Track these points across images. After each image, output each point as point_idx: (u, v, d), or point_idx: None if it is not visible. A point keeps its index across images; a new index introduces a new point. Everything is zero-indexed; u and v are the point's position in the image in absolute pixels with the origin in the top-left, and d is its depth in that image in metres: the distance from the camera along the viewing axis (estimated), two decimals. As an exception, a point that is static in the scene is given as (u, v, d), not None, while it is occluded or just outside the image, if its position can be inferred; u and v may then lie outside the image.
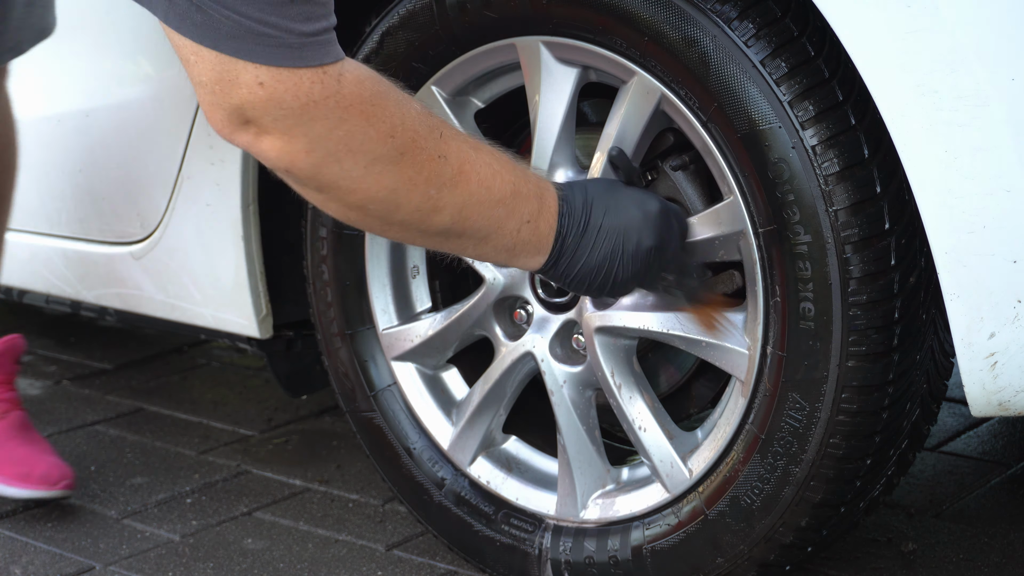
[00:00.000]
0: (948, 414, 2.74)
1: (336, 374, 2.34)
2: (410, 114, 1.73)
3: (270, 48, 1.61)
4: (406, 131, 1.71)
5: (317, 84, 1.64)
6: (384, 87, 1.73)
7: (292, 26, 1.61)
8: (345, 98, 1.66)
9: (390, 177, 1.72)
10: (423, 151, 1.73)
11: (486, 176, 1.79)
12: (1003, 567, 2.21)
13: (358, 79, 1.68)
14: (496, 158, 1.83)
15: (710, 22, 1.83)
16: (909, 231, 1.83)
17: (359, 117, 1.68)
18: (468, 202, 1.78)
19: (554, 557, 2.15)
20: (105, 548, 2.43)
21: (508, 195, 1.81)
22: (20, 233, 2.70)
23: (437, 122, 1.78)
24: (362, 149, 1.69)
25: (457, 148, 1.77)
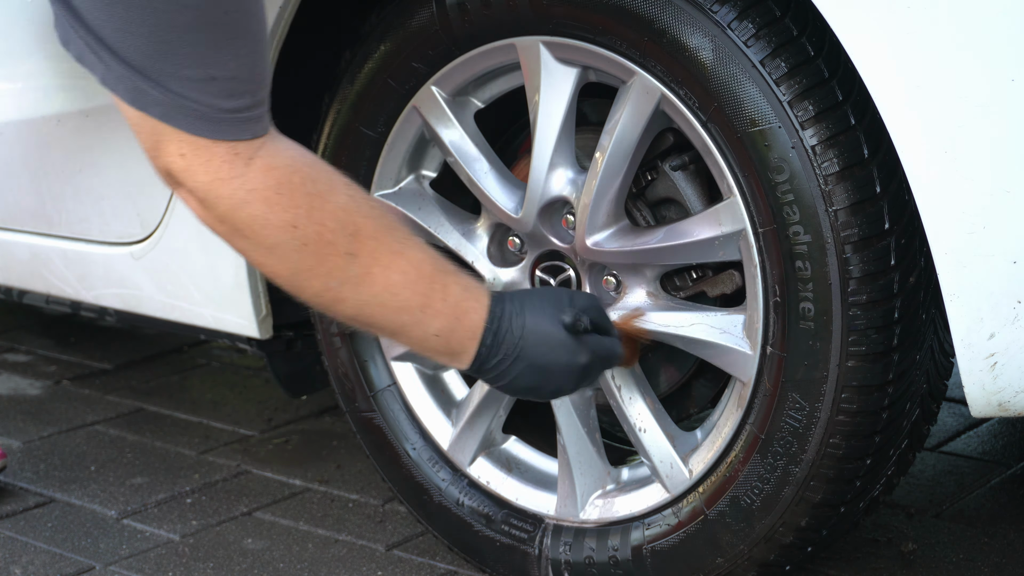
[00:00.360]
0: (948, 414, 2.74)
1: (336, 374, 2.34)
2: (325, 207, 1.78)
3: (190, 118, 1.71)
4: (311, 224, 1.77)
5: (226, 164, 1.74)
6: (299, 177, 1.78)
7: (213, 101, 1.70)
8: (249, 181, 1.74)
9: (290, 263, 1.79)
10: (329, 245, 1.78)
11: (395, 283, 1.82)
12: (1003, 567, 2.21)
13: (269, 166, 1.75)
14: (417, 267, 1.84)
15: (710, 22, 1.83)
16: (909, 231, 1.83)
17: (261, 203, 1.75)
18: (370, 302, 1.83)
19: (554, 557, 2.15)
20: (105, 548, 2.43)
21: (415, 307, 1.84)
22: (20, 233, 2.70)
23: (358, 219, 1.80)
24: (263, 233, 1.77)
25: (372, 249, 1.81)
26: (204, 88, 1.71)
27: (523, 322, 1.90)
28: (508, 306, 1.90)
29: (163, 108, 1.72)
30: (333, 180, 1.82)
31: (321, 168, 1.82)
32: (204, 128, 1.72)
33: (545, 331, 1.90)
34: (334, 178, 1.82)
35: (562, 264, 2.11)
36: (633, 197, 2.07)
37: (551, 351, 1.91)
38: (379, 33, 2.13)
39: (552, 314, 1.91)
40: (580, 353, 1.93)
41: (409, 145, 2.19)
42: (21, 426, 2.98)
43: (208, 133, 1.73)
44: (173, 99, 1.71)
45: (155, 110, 1.72)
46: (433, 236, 2.18)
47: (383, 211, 1.86)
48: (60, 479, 2.71)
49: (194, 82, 1.70)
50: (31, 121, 2.58)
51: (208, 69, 1.70)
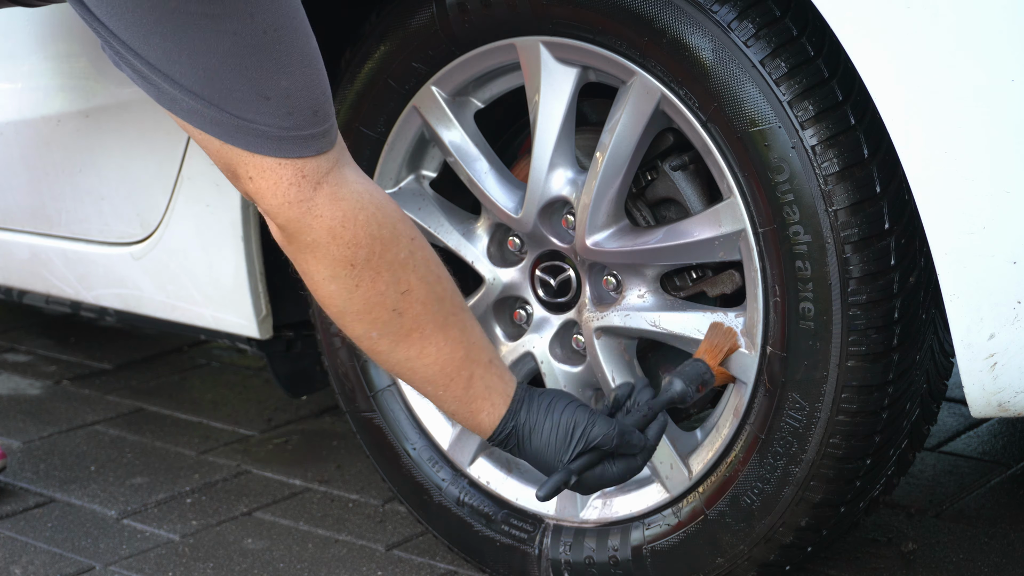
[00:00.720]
0: (948, 414, 2.74)
1: (336, 374, 2.34)
2: (385, 255, 1.78)
3: (250, 137, 1.70)
4: (368, 268, 1.78)
5: (293, 187, 1.73)
6: (364, 215, 1.77)
7: (270, 120, 1.69)
8: (316, 207, 1.74)
9: (340, 299, 1.80)
10: (379, 295, 1.79)
11: (428, 355, 1.84)
12: (1003, 567, 2.21)
13: (336, 196, 1.75)
14: (451, 348, 1.85)
15: (710, 22, 1.83)
16: (909, 231, 1.83)
17: (326, 232, 1.75)
18: (402, 363, 1.85)
19: (554, 557, 2.15)
20: (105, 548, 2.43)
21: (439, 384, 1.87)
22: (20, 233, 2.70)
23: (412, 279, 1.81)
24: (323, 261, 1.77)
25: (417, 314, 1.82)
26: (259, 108, 1.69)
27: (529, 443, 1.90)
28: (522, 421, 1.90)
29: (222, 128, 1.70)
30: (397, 229, 1.80)
31: (389, 211, 1.80)
32: (266, 147, 1.71)
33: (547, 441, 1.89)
34: (399, 227, 1.81)
35: (562, 264, 2.11)
36: (633, 197, 2.07)
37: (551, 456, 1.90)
38: (379, 33, 2.13)
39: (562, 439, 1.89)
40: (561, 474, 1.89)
41: (409, 145, 2.19)
42: (21, 426, 2.98)
43: (270, 151, 1.71)
44: (230, 119, 1.69)
45: (215, 130, 1.71)
46: (433, 236, 2.18)
47: (439, 276, 1.85)
48: (60, 479, 2.71)
49: (247, 103, 1.68)
50: (31, 121, 2.58)
51: (259, 90, 1.68)
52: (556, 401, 1.90)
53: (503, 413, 1.89)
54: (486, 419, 1.89)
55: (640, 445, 1.88)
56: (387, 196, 1.82)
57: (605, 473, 1.89)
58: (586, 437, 1.87)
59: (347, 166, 1.78)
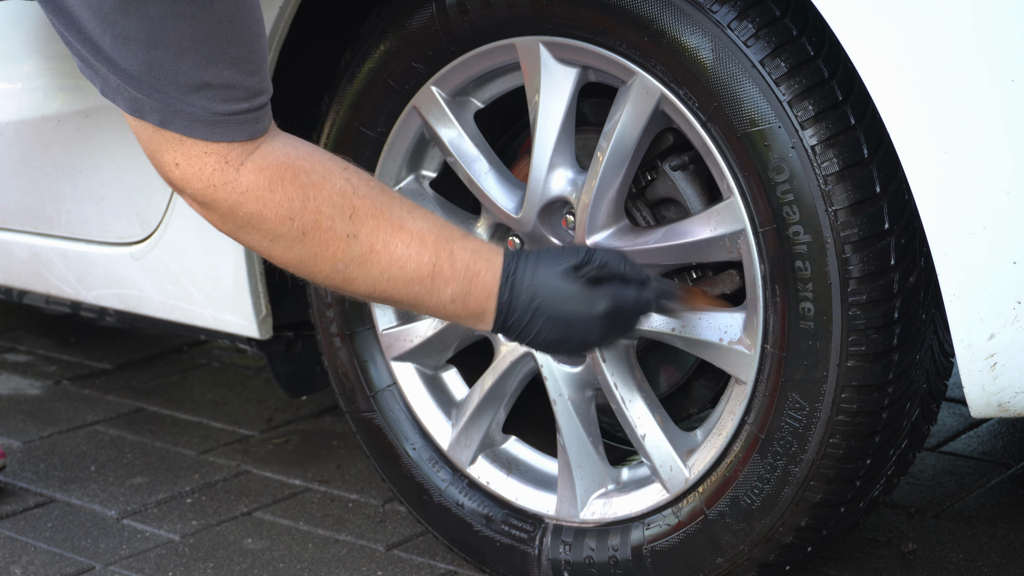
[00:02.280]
0: (948, 414, 2.74)
1: (336, 374, 2.34)
2: (320, 195, 1.83)
3: (187, 122, 1.77)
4: (307, 213, 1.82)
5: (217, 171, 1.79)
6: (291, 171, 1.82)
7: (209, 105, 1.76)
8: (241, 184, 1.80)
9: (295, 252, 1.85)
10: (328, 231, 1.83)
11: (400, 256, 1.86)
12: (1003, 567, 2.21)
13: (259, 167, 1.80)
14: (420, 238, 1.87)
15: (710, 22, 1.83)
16: (909, 231, 1.83)
17: (255, 202, 1.81)
18: (380, 278, 1.87)
19: (554, 557, 2.15)
20: (105, 548, 2.43)
21: (425, 276, 1.87)
22: (20, 233, 2.70)
23: (355, 201, 1.84)
24: (262, 228, 1.83)
25: (372, 227, 1.85)
26: (200, 94, 1.75)
27: (535, 277, 1.90)
28: (521, 263, 1.91)
29: (161, 115, 1.76)
30: (328, 167, 1.85)
31: (316, 158, 1.85)
32: (202, 131, 1.77)
33: (556, 284, 1.90)
34: (329, 165, 1.85)
35: (562, 264, 2.11)
36: (633, 197, 2.07)
37: (566, 302, 1.91)
38: (379, 33, 2.13)
39: (564, 266, 1.91)
40: (597, 301, 1.91)
41: (409, 145, 2.19)
42: (21, 426, 2.98)
43: (206, 135, 1.77)
44: (170, 104, 1.75)
45: (153, 117, 1.77)
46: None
47: (381, 188, 1.89)
48: (60, 479, 2.71)
49: (191, 89, 1.74)
50: (31, 121, 2.58)
51: (204, 76, 1.74)
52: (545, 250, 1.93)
53: (500, 261, 1.90)
54: (488, 277, 1.89)
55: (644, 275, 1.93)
56: (313, 146, 1.87)
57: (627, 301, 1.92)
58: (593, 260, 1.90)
59: (273, 138, 1.83)
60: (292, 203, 1.82)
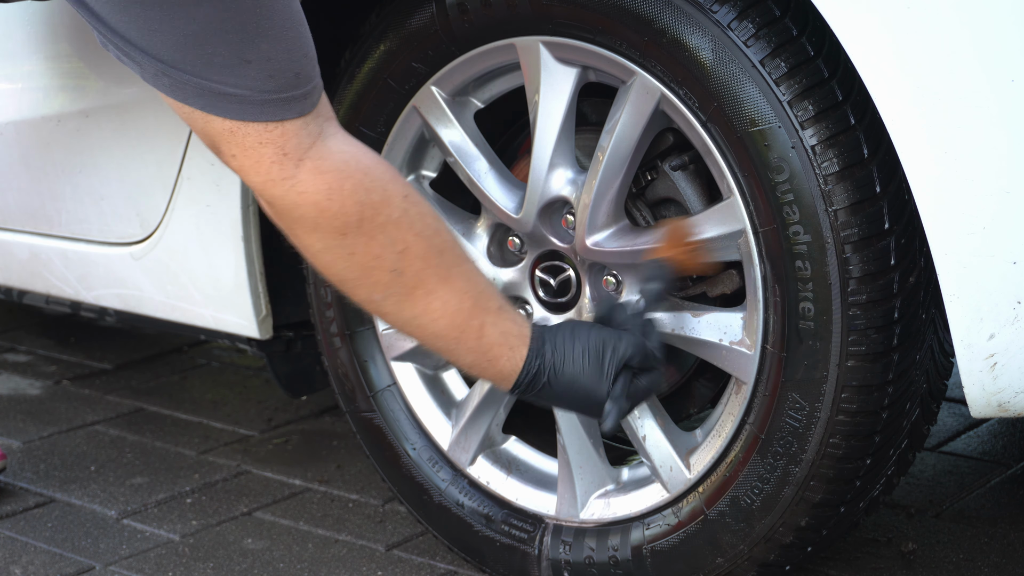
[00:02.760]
0: (948, 414, 2.74)
1: (336, 374, 2.34)
2: (376, 219, 1.77)
3: (232, 104, 1.70)
4: (360, 236, 1.77)
5: (275, 165, 1.73)
6: (351, 184, 1.76)
7: (251, 84, 1.69)
8: (300, 184, 1.74)
9: (338, 268, 1.80)
10: (376, 259, 1.79)
11: (435, 311, 1.83)
12: (1003, 567, 2.21)
13: (319, 169, 1.74)
14: (459, 299, 1.84)
15: (710, 22, 1.83)
16: (909, 231, 1.83)
17: (312, 207, 1.75)
18: (410, 322, 1.84)
19: (554, 557, 2.15)
20: (105, 548, 2.43)
21: (452, 338, 1.85)
22: (20, 233, 2.70)
23: (408, 237, 1.80)
24: (314, 235, 1.77)
25: (418, 270, 1.81)
26: (240, 72, 1.69)
27: (562, 376, 1.90)
28: (548, 356, 1.89)
29: (204, 99, 1.70)
30: (388, 190, 1.79)
31: (377, 175, 1.79)
32: (247, 112, 1.71)
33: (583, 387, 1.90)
34: (389, 188, 1.79)
35: (562, 264, 2.11)
36: (633, 197, 2.07)
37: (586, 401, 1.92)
38: (379, 33, 2.13)
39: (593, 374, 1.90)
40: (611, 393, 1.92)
41: (409, 145, 2.19)
42: (21, 426, 2.98)
43: (251, 116, 1.71)
44: (212, 88, 1.69)
45: (197, 101, 1.71)
46: (433, 236, 2.18)
47: (437, 229, 1.84)
48: (60, 479, 2.71)
49: (228, 68, 1.68)
50: (31, 121, 2.58)
51: (240, 54, 1.68)
52: (578, 328, 1.90)
53: (524, 354, 1.88)
54: (507, 365, 1.88)
55: (657, 356, 1.91)
56: (377, 157, 1.81)
57: (638, 389, 1.91)
58: (618, 355, 1.87)
59: (332, 137, 1.77)
60: (348, 220, 1.76)
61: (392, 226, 1.79)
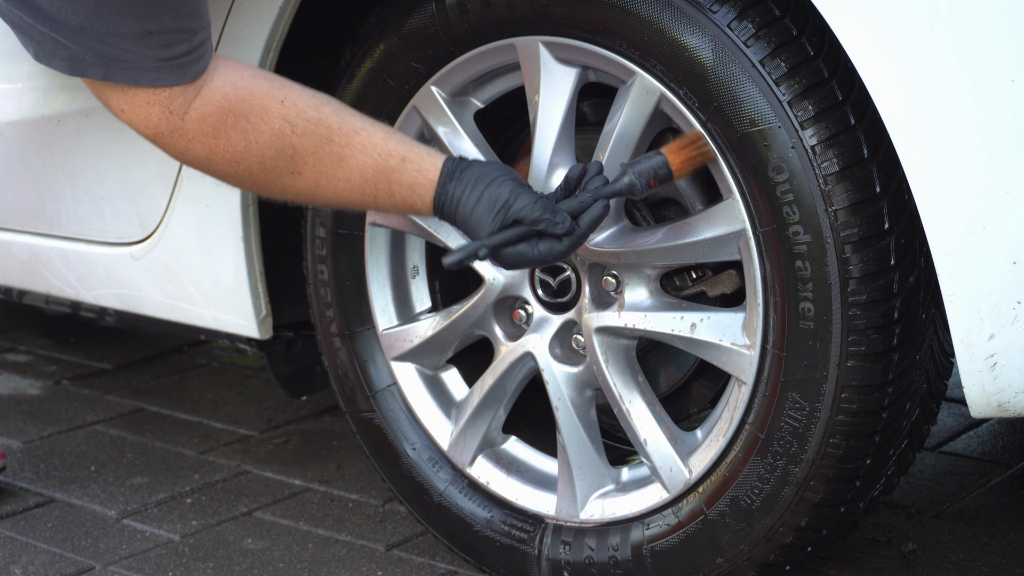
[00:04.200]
0: (948, 414, 2.74)
1: (336, 374, 2.34)
2: (259, 139, 1.92)
3: (130, 71, 1.84)
4: (251, 157, 1.92)
5: (163, 121, 1.89)
6: (231, 117, 1.91)
7: (150, 52, 1.83)
8: (187, 132, 1.90)
9: (247, 185, 1.97)
10: (272, 171, 1.94)
11: (343, 189, 1.95)
12: (1003, 567, 2.21)
13: (202, 115, 1.89)
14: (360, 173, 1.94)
15: (710, 22, 1.83)
16: (909, 231, 1.83)
17: (201, 148, 1.92)
18: (331, 201, 1.98)
19: (554, 557, 2.15)
20: (105, 548, 2.43)
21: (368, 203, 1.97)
22: (20, 233, 2.70)
23: (293, 141, 1.92)
24: (211, 168, 1.95)
25: (312, 164, 1.94)
26: (143, 42, 1.81)
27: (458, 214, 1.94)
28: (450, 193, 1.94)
29: (103, 68, 1.83)
30: (265, 106, 1.92)
31: (255, 96, 1.91)
32: (146, 78, 1.84)
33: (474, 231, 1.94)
34: (266, 103, 1.92)
35: (562, 264, 2.11)
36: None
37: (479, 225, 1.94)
38: (378, 33, 2.13)
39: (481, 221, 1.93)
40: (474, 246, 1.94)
41: (409, 145, 2.19)
42: (21, 426, 2.98)
43: (150, 82, 1.85)
44: (114, 55, 1.81)
45: (96, 72, 1.84)
46: (432, 235, 2.18)
47: (318, 119, 1.94)
48: (60, 479, 2.71)
49: (131, 38, 1.80)
50: (31, 121, 2.58)
51: (143, 24, 1.79)
52: (484, 174, 1.94)
53: (432, 196, 1.94)
54: (422, 208, 1.96)
55: (566, 228, 1.90)
56: (249, 73, 1.94)
57: (527, 252, 1.93)
58: (507, 209, 1.91)
59: (211, 76, 1.90)
60: (236, 148, 1.91)
61: (276, 137, 1.92)
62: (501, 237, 1.91)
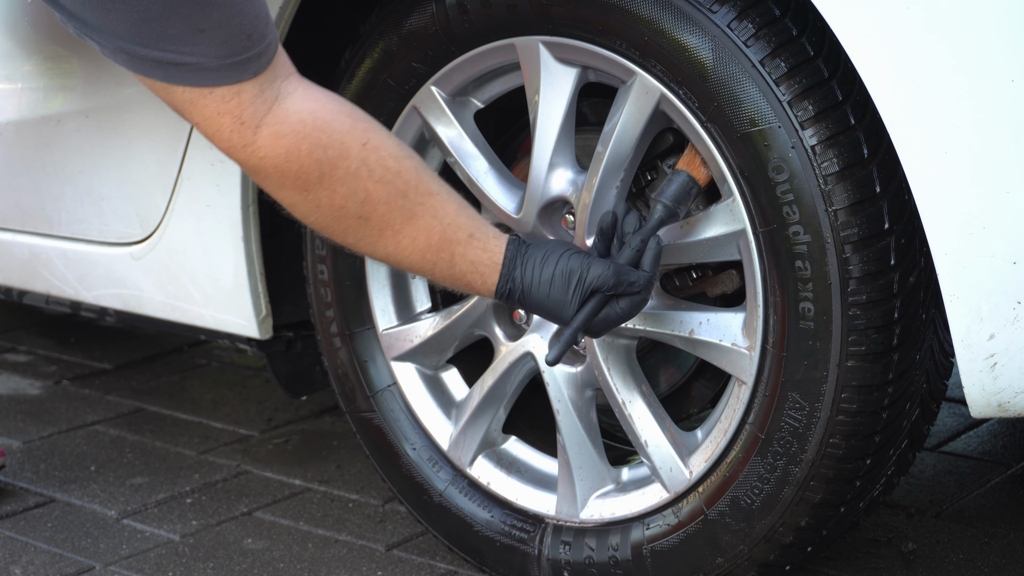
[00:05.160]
0: (948, 414, 2.74)
1: (336, 374, 2.34)
2: (335, 174, 1.87)
3: (190, 72, 1.80)
4: (322, 190, 1.88)
5: (235, 134, 1.84)
6: (308, 144, 1.85)
7: (207, 51, 1.78)
8: (260, 150, 1.85)
9: (310, 218, 1.91)
10: (340, 210, 1.89)
11: (406, 247, 1.92)
12: (1003, 567, 2.21)
13: (276, 134, 1.84)
14: (426, 235, 1.91)
15: (710, 22, 1.83)
16: (909, 231, 1.83)
17: (273, 169, 1.86)
18: (388, 257, 1.95)
19: (554, 557, 2.15)
20: (105, 548, 2.43)
21: (427, 269, 1.94)
22: (20, 233, 2.70)
23: (368, 185, 1.88)
24: (281, 193, 1.90)
25: (383, 214, 1.90)
26: (194, 40, 1.77)
27: (531, 299, 1.93)
28: (518, 280, 1.93)
29: (162, 70, 1.79)
30: (344, 143, 1.87)
31: (334, 129, 1.87)
32: (204, 78, 1.80)
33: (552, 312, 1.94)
34: (346, 141, 1.87)
35: (562, 264, 2.11)
36: (633, 197, 2.07)
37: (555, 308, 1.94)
38: (378, 32, 2.13)
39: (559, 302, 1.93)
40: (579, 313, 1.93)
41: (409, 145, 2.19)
42: (21, 426, 2.98)
43: (209, 81, 1.80)
44: (170, 59, 1.78)
45: (156, 72, 1.80)
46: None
47: (398, 171, 1.90)
48: (60, 479, 2.71)
49: (182, 38, 1.77)
50: (31, 121, 2.58)
51: (194, 23, 1.76)
52: (550, 254, 1.93)
53: (496, 280, 1.94)
54: (481, 288, 1.95)
55: (639, 280, 1.91)
56: (336, 106, 1.89)
57: (611, 315, 1.92)
58: (583, 284, 1.91)
59: (289, 96, 1.86)
60: (308, 178, 1.86)
61: (351, 177, 1.88)
62: (587, 314, 1.91)
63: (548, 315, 1.94)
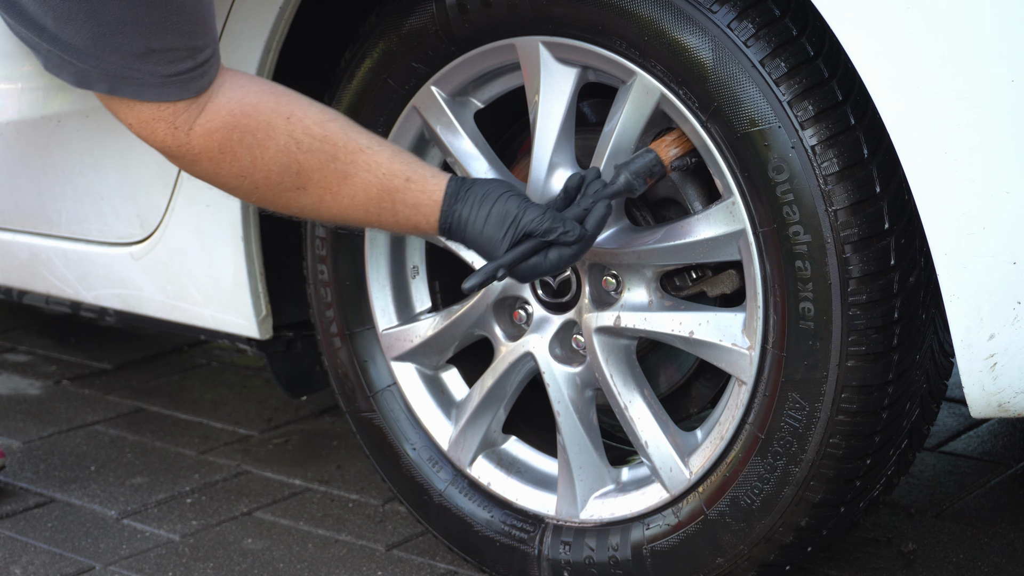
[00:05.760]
0: (948, 414, 2.74)
1: (336, 374, 2.34)
2: (265, 155, 1.93)
3: (134, 87, 1.87)
4: (257, 172, 1.94)
5: (169, 136, 1.91)
6: (237, 133, 1.92)
7: (154, 69, 1.86)
8: (193, 148, 1.92)
9: (254, 199, 2.00)
10: (278, 186, 1.96)
11: (347, 206, 1.97)
12: (1003, 567, 2.21)
13: (207, 131, 1.91)
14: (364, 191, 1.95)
15: (710, 22, 1.83)
16: (909, 231, 1.83)
17: (208, 162, 1.94)
18: (336, 218, 1.99)
19: (554, 557, 2.15)
20: (105, 548, 2.43)
21: (372, 220, 1.99)
22: (20, 233, 2.70)
23: (299, 157, 1.94)
24: (219, 181, 1.97)
25: (318, 181, 1.95)
26: (146, 60, 1.83)
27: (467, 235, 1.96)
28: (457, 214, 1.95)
29: (108, 83, 1.86)
30: (271, 123, 1.93)
31: (257, 114, 1.93)
32: (150, 93, 1.86)
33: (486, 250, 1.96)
34: (271, 120, 1.93)
35: (562, 264, 2.11)
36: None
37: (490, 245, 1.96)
38: (378, 33, 2.13)
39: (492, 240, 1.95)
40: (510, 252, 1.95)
41: (409, 145, 2.19)
42: (21, 426, 2.98)
43: (155, 97, 1.87)
44: (118, 72, 1.84)
45: (101, 86, 1.87)
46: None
47: (323, 135, 1.95)
48: (60, 479, 2.71)
49: (136, 57, 1.83)
50: (31, 121, 2.58)
51: (146, 42, 1.82)
52: (490, 192, 1.96)
53: (438, 217, 1.96)
54: (427, 228, 1.98)
55: (576, 234, 1.92)
56: (256, 89, 1.95)
57: (540, 264, 1.95)
58: (516, 224, 1.93)
59: (217, 92, 1.92)
60: (242, 164, 1.93)
61: (282, 154, 1.93)
62: (515, 254, 1.93)
63: (481, 251, 1.96)
